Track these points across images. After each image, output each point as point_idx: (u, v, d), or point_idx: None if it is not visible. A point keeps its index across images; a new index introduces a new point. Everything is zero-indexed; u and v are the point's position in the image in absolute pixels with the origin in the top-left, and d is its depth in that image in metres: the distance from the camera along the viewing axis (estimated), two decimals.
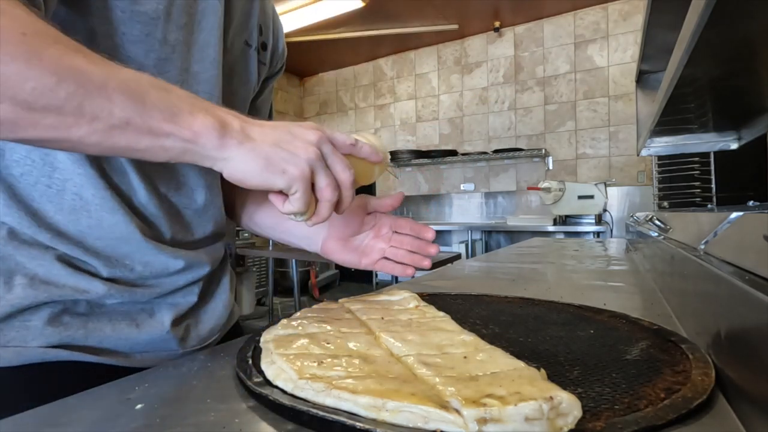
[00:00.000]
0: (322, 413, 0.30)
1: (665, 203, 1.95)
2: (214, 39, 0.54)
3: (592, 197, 3.61)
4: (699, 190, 1.72)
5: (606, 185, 3.67)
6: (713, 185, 1.63)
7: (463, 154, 4.59)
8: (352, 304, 0.58)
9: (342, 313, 0.54)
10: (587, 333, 0.49)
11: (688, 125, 0.93)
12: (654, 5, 0.94)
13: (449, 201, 4.83)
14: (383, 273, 0.64)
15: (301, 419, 0.31)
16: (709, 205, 1.63)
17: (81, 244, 0.48)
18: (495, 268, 1.17)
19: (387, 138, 5.25)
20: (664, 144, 1.17)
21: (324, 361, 0.37)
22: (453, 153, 4.63)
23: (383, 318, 0.51)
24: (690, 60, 0.49)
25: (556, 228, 3.68)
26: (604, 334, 0.48)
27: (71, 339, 0.47)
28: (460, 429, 0.27)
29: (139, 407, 0.35)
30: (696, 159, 1.72)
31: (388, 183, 5.20)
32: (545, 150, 4.20)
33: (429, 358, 0.38)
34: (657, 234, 0.96)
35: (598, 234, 3.48)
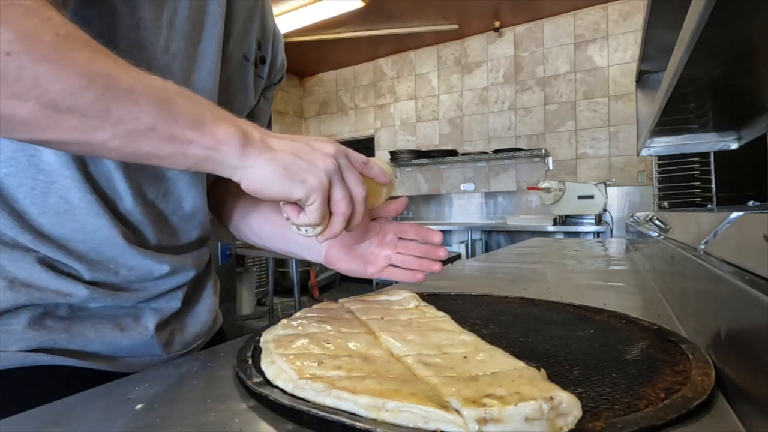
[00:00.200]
0: (322, 413, 0.30)
1: (665, 203, 1.95)
2: (212, 50, 0.54)
3: (592, 197, 3.61)
4: (699, 190, 1.72)
5: (606, 185, 3.67)
6: (713, 185, 1.63)
7: (463, 154, 4.59)
8: (352, 304, 0.58)
9: (342, 313, 0.54)
10: (587, 333, 0.49)
11: (688, 125, 0.93)
12: (654, 5, 0.94)
13: (449, 201, 4.83)
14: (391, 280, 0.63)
15: (301, 419, 0.31)
16: (709, 205, 1.63)
17: (64, 247, 0.47)
18: (495, 268, 1.17)
19: (387, 138, 5.25)
20: (664, 144, 1.17)
21: (324, 361, 0.37)
22: (453, 153, 4.63)
23: (383, 318, 0.51)
24: (690, 60, 0.49)
25: (556, 228, 3.68)
26: (604, 334, 0.48)
27: (53, 342, 0.47)
28: (460, 429, 0.27)
29: (139, 407, 0.35)
30: (696, 159, 1.72)
31: None
32: (545, 150, 4.20)
33: (429, 358, 0.38)
34: (657, 234, 0.96)
35: (598, 234, 3.48)
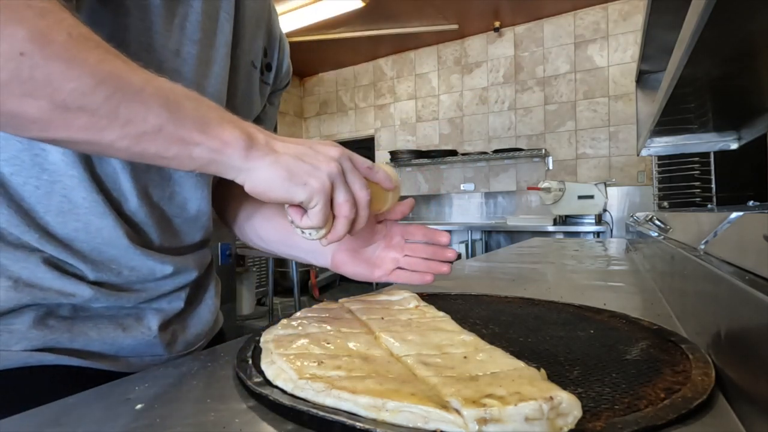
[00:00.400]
0: (322, 413, 0.30)
1: (665, 203, 1.95)
2: (221, 56, 0.55)
3: (592, 197, 3.60)
4: (699, 190, 1.72)
5: (606, 185, 3.67)
6: (713, 185, 1.63)
7: (463, 154, 4.59)
8: (352, 304, 0.58)
9: (342, 313, 0.54)
10: (587, 333, 0.49)
11: (688, 125, 0.93)
12: (654, 5, 0.94)
13: (449, 201, 4.83)
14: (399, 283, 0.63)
15: (301, 419, 0.31)
16: (709, 205, 1.63)
17: (69, 246, 0.48)
18: (495, 268, 1.17)
19: (387, 138, 5.25)
20: (664, 144, 1.17)
21: (324, 361, 0.37)
22: (453, 153, 4.62)
23: (383, 318, 0.51)
24: (690, 60, 0.49)
25: (556, 228, 3.67)
26: (604, 334, 0.48)
27: (56, 342, 0.47)
28: (460, 429, 0.27)
29: (139, 407, 0.35)
30: (696, 159, 1.72)
31: None
32: (545, 150, 4.19)
33: (429, 358, 0.38)
34: (657, 234, 0.96)
35: (598, 234, 3.48)
